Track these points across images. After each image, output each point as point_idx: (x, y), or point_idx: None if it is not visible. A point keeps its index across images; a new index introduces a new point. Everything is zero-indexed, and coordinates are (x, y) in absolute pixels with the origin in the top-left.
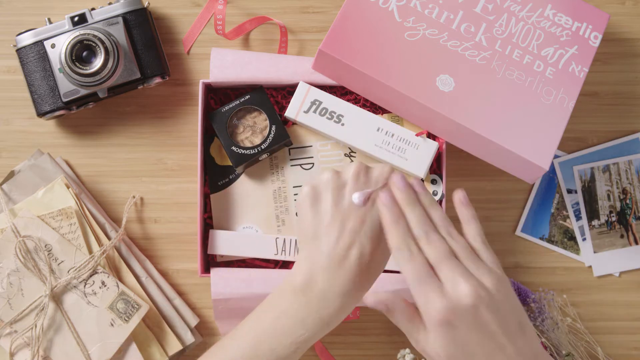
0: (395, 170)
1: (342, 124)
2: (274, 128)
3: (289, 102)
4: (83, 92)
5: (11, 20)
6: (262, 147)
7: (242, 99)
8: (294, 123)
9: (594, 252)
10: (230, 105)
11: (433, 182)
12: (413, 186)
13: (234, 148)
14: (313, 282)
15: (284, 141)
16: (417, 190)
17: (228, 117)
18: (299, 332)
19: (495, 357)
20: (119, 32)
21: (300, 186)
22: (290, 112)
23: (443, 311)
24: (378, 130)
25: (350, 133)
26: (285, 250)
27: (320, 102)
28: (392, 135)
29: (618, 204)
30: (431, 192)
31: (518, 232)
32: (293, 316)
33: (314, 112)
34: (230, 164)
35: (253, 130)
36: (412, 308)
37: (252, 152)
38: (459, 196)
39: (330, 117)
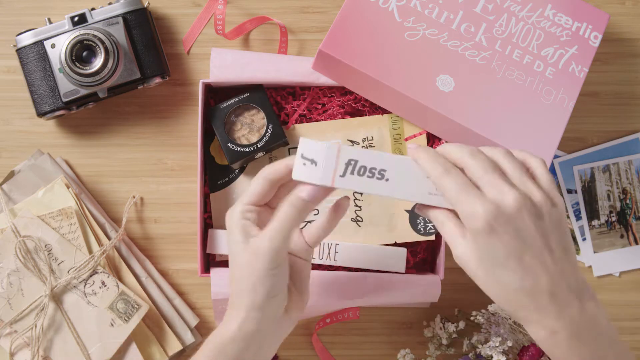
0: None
1: (387, 179)
2: (270, 127)
3: (288, 102)
4: (83, 92)
5: (11, 20)
6: (258, 145)
7: (241, 97)
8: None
9: (594, 252)
10: (229, 102)
11: None
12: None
13: (230, 145)
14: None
15: (280, 141)
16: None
17: (226, 113)
18: None
19: (534, 269)
20: (119, 32)
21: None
22: (324, 180)
23: (485, 215)
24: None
25: (398, 187)
26: None
27: (357, 161)
28: None
29: (618, 204)
30: None
31: None
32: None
33: (351, 173)
34: None
35: (250, 128)
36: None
37: (247, 150)
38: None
39: (371, 175)
